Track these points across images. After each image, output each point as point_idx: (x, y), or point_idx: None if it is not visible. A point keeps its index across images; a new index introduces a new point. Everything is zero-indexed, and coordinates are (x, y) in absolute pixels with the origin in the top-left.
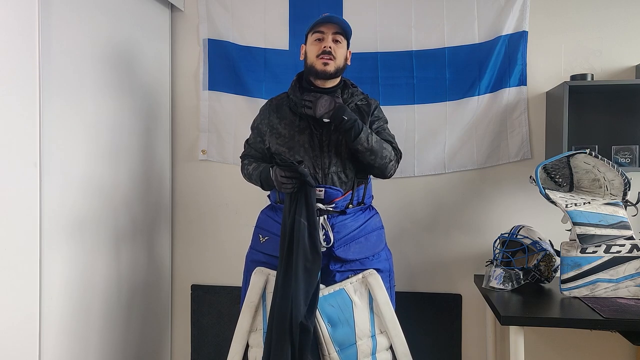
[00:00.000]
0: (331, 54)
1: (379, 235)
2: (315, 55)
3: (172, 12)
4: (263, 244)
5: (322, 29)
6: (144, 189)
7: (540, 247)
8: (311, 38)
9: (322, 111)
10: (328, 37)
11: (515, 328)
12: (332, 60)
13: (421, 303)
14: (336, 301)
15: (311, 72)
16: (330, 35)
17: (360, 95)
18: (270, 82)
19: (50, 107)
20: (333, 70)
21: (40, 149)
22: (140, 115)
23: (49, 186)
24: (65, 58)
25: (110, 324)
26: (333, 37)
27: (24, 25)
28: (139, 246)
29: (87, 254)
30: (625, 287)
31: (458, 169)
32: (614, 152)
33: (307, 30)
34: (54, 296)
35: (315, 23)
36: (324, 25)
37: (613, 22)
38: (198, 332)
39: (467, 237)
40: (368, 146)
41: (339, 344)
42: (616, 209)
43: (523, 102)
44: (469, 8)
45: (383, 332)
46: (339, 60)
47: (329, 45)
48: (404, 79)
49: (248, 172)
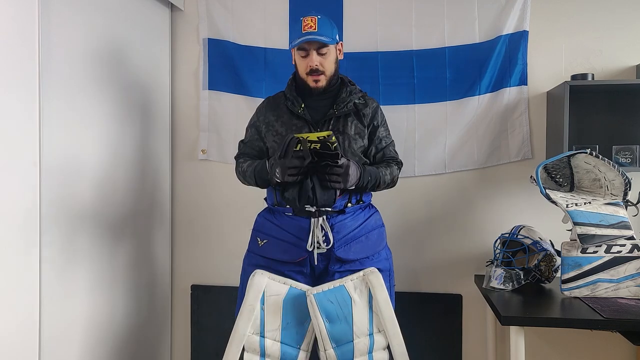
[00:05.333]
0: (319, 70)
1: (379, 233)
2: (304, 72)
3: (172, 12)
4: (262, 247)
5: (304, 46)
6: (143, 189)
7: (540, 247)
8: (296, 53)
9: (354, 181)
10: (312, 54)
11: (515, 328)
12: (322, 75)
13: (421, 303)
14: (335, 297)
15: (305, 87)
16: (313, 51)
17: (359, 94)
18: (271, 81)
19: (50, 107)
20: (325, 84)
21: (40, 149)
22: (140, 115)
23: (49, 186)
24: (65, 57)
25: (110, 323)
26: (317, 52)
27: (24, 25)
28: (139, 246)
29: (87, 253)
30: (626, 287)
31: (458, 169)
32: (615, 152)
33: (290, 45)
34: (54, 296)
35: (297, 42)
36: (304, 42)
37: (614, 22)
38: (198, 332)
39: (468, 237)
40: (382, 186)
41: (335, 340)
42: (617, 209)
43: (524, 101)
44: (469, 8)
45: (381, 331)
46: (329, 71)
47: (314, 63)
48: (404, 78)
49: (242, 170)
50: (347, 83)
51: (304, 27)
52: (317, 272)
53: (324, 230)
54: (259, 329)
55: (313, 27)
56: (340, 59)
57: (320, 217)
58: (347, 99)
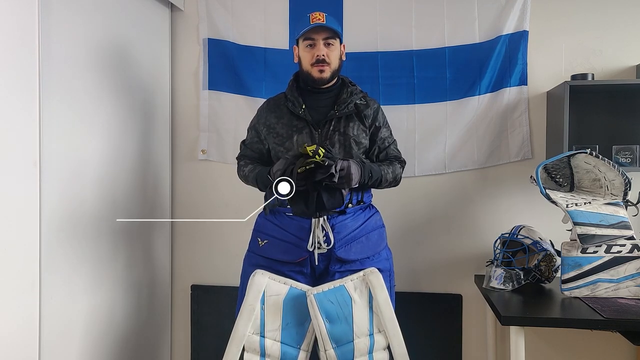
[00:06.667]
0: (325, 61)
1: (380, 234)
2: (309, 63)
3: (172, 12)
4: (262, 248)
5: (312, 35)
6: (143, 189)
7: (540, 247)
8: (302, 44)
9: (357, 179)
10: (319, 43)
11: (515, 328)
12: (327, 65)
13: (421, 303)
14: (336, 297)
15: (308, 79)
16: (321, 41)
17: (360, 94)
18: (271, 81)
19: (50, 107)
20: (329, 75)
21: (40, 149)
22: (139, 115)
23: (49, 186)
24: (65, 57)
25: (110, 323)
26: (325, 42)
27: (24, 26)
28: (139, 246)
29: (87, 253)
30: (626, 287)
31: (459, 169)
32: (615, 152)
33: (297, 35)
34: (54, 296)
35: (305, 30)
36: (312, 32)
37: (614, 22)
38: (198, 332)
39: (468, 237)
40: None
41: (335, 340)
42: (617, 209)
43: (524, 101)
44: (469, 8)
45: (381, 331)
46: (333, 64)
47: (322, 53)
48: (404, 78)
49: (244, 174)
50: (347, 83)
51: (312, 19)
52: (318, 272)
53: (324, 231)
54: (259, 329)
55: (322, 19)
56: (343, 60)
57: (321, 218)
58: (348, 99)
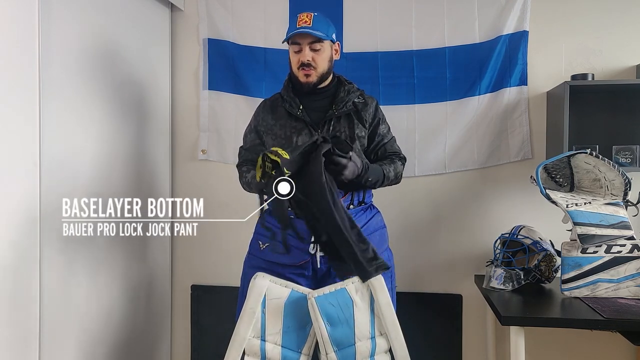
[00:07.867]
0: (310, 65)
1: (381, 234)
2: (296, 66)
3: (172, 12)
4: (263, 251)
5: (298, 40)
6: (143, 189)
7: (540, 247)
8: (290, 48)
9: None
10: (305, 48)
11: (515, 328)
12: (314, 70)
13: (421, 303)
14: (337, 300)
15: (296, 83)
16: (306, 45)
17: (357, 92)
18: (271, 81)
19: (50, 107)
20: (316, 80)
21: (40, 149)
22: (140, 115)
23: (49, 186)
24: (65, 58)
25: (110, 323)
26: (310, 47)
27: (24, 26)
28: (139, 246)
29: (86, 253)
30: (626, 287)
31: (459, 169)
32: (615, 152)
33: (285, 38)
34: (54, 296)
35: (289, 36)
36: (297, 36)
37: (613, 22)
38: (198, 332)
39: (468, 237)
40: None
41: (337, 344)
42: (617, 209)
43: (524, 101)
44: (469, 8)
45: (383, 334)
46: (321, 68)
47: (306, 58)
48: (404, 78)
49: (247, 181)
50: (343, 82)
51: (298, 22)
52: (320, 275)
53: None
54: (259, 333)
55: (308, 22)
56: (336, 59)
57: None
58: (346, 98)
